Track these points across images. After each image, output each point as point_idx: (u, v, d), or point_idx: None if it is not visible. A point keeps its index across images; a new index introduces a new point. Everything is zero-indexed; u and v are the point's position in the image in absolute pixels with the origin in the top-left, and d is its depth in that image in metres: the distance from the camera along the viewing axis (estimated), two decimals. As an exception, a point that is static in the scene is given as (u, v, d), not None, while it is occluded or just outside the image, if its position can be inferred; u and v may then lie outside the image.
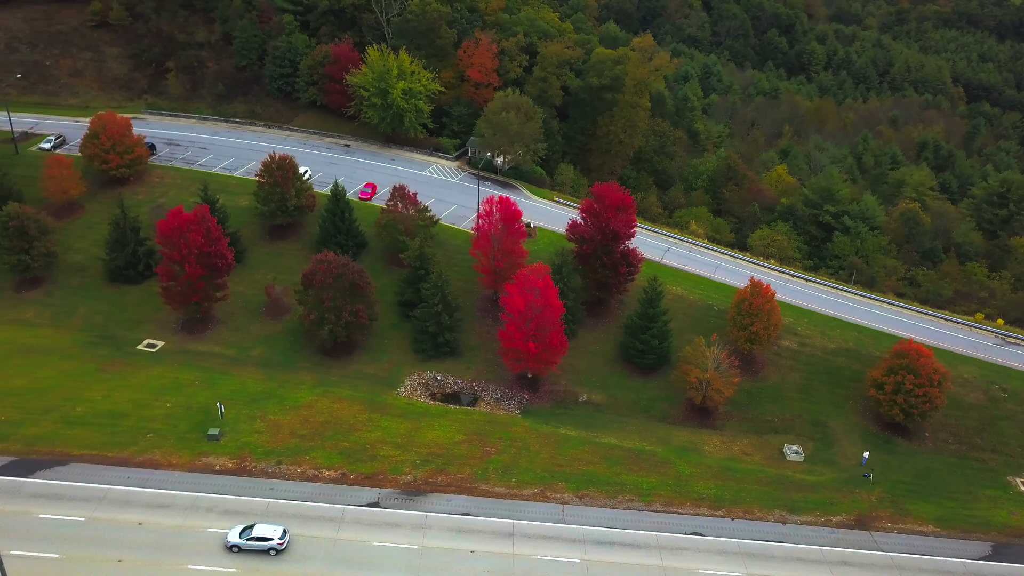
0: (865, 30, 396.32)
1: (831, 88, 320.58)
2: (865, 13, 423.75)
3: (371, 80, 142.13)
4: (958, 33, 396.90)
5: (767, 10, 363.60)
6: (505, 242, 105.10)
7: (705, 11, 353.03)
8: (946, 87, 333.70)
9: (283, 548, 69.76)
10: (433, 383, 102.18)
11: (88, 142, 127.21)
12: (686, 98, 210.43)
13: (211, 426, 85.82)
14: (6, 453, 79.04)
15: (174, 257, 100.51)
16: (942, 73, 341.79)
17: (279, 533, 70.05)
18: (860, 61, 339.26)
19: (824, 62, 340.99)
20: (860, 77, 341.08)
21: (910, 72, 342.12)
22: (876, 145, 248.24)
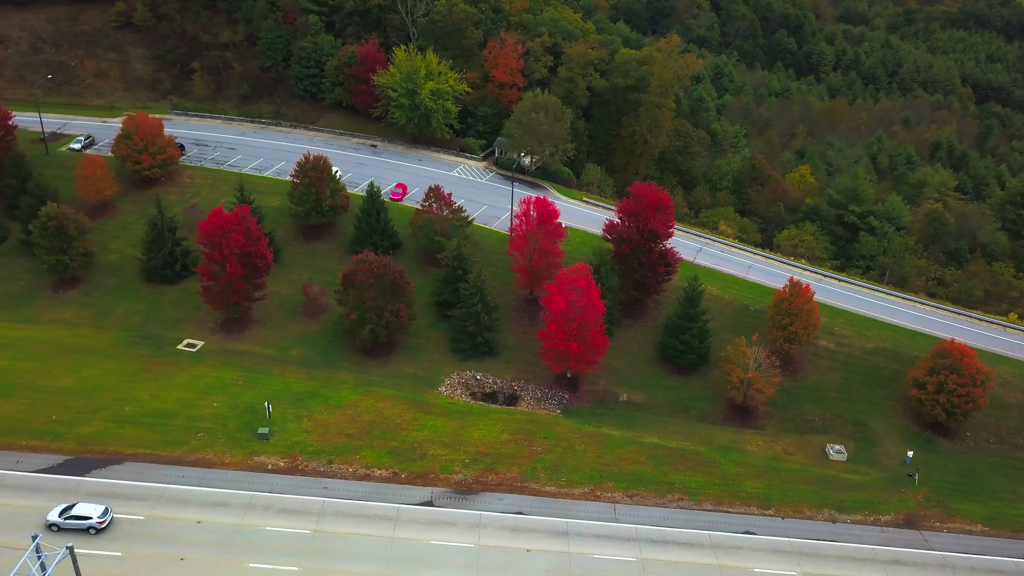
0: (873, 30, 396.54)
1: (841, 88, 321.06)
2: (872, 13, 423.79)
3: (399, 81, 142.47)
4: (966, 33, 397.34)
5: (776, 11, 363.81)
6: (543, 242, 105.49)
7: (714, 12, 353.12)
8: (955, 87, 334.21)
9: (103, 527, 69.10)
10: (473, 382, 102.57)
11: (121, 142, 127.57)
12: (701, 99, 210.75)
13: (259, 425, 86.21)
14: (60, 452, 79.48)
15: (215, 257, 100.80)
16: (951, 73, 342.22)
17: (99, 512, 69.54)
18: (869, 61, 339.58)
19: (833, 62, 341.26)
20: (869, 77, 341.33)
21: (919, 72, 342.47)
22: (891, 145, 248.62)
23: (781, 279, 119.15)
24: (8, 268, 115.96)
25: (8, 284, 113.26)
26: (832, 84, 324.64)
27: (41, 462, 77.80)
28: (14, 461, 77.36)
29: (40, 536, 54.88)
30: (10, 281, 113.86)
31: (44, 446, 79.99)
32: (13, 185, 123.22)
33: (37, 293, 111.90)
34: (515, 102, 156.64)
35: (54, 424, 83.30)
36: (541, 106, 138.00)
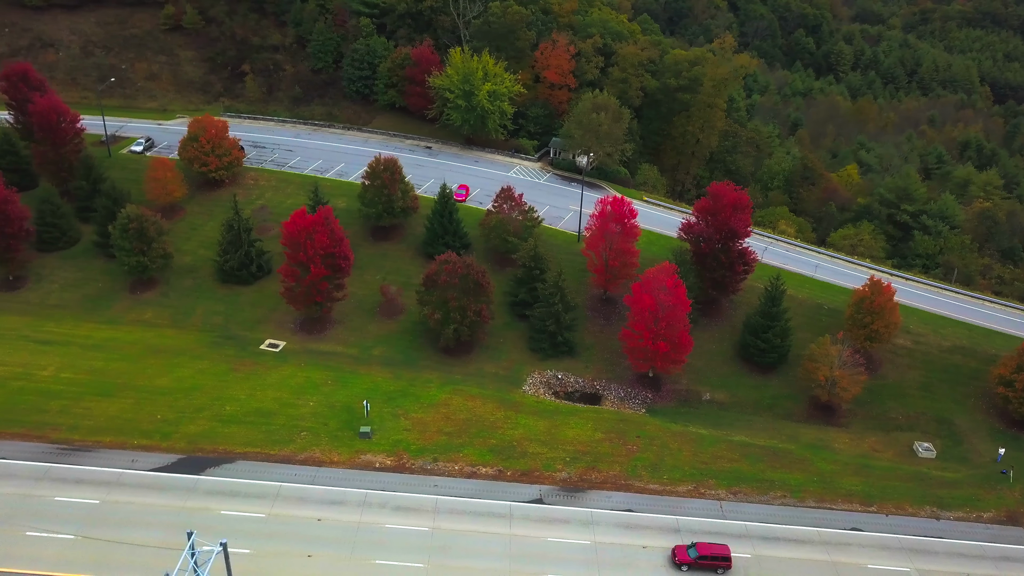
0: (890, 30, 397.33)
1: (860, 88, 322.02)
2: (888, 13, 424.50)
3: (456, 83, 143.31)
4: (982, 32, 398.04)
5: (794, 10, 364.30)
6: (620, 242, 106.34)
7: (731, 12, 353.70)
8: (974, 87, 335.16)
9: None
10: (554, 381, 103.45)
11: (188, 145, 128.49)
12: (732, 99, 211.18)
13: (358, 424, 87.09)
14: (172, 451, 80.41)
15: (299, 258, 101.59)
16: (970, 73, 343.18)
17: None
18: (888, 61, 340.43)
19: (852, 62, 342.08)
20: (888, 77, 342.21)
21: (938, 72, 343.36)
22: (921, 145, 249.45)
23: (849, 278, 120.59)
24: (84, 270, 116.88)
25: (86, 286, 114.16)
26: (852, 84, 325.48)
27: (156, 461, 78.74)
28: (130, 460, 78.26)
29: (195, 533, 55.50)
30: (87, 283, 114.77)
31: (155, 445, 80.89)
32: (84, 188, 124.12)
33: (115, 294, 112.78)
34: (566, 103, 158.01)
35: (160, 423, 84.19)
36: (600, 106, 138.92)
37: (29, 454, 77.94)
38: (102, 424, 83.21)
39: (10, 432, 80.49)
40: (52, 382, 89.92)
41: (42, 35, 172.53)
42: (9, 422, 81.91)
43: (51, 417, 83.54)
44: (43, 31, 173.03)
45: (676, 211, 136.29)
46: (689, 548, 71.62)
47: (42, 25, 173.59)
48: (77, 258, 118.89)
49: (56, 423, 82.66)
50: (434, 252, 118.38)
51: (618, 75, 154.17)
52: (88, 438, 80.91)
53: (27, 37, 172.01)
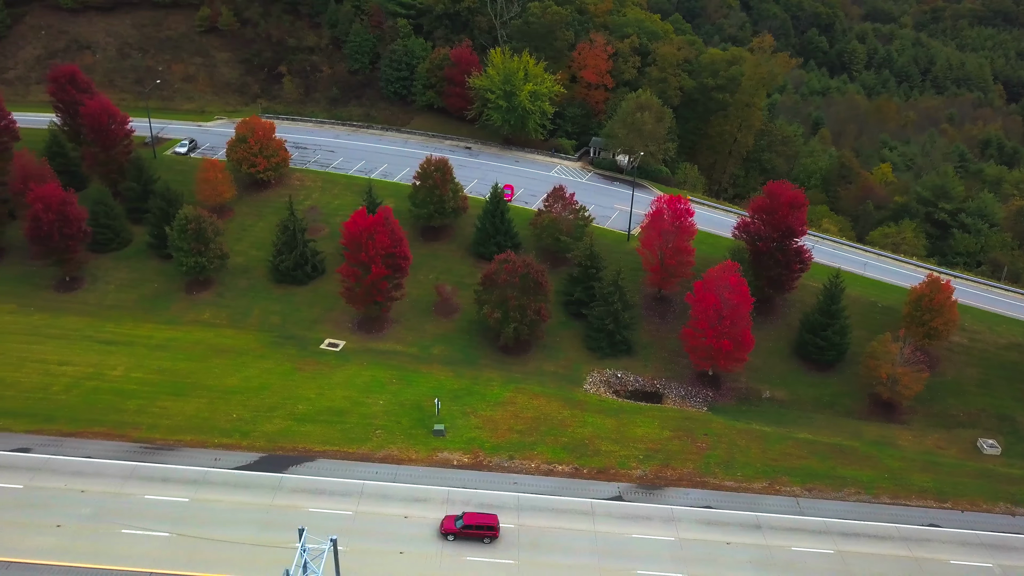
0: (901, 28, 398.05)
1: (875, 87, 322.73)
2: (898, 11, 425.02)
3: (497, 83, 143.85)
4: (994, 31, 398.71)
5: (806, 9, 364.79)
6: (677, 240, 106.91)
7: (744, 11, 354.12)
8: (988, 85, 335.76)
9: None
10: (614, 380, 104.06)
11: (236, 146, 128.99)
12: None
13: (429, 422, 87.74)
14: (252, 449, 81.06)
15: (361, 258, 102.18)
16: (983, 71, 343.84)
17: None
18: (901, 60, 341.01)
19: (865, 61, 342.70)
20: (902, 76, 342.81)
21: (952, 70, 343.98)
22: (943, 143, 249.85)
23: (897, 276, 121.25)
24: (138, 271, 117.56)
25: (142, 286, 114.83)
26: (866, 83, 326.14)
27: (238, 459, 79.38)
28: (212, 459, 78.89)
29: (306, 529, 56.12)
30: (143, 283, 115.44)
31: (235, 444, 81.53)
32: (135, 189, 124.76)
33: (172, 295, 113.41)
34: (602, 103, 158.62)
35: (237, 423, 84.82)
36: (644, 106, 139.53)
37: (114, 453, 78.58)
38: (180, 423, 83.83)
39: (92, 431, 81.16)
40: (124, 382, 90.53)
41: (78, 37, 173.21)
42: (90, 421, 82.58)
43: (129, 416, 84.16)
44: (79, 33, 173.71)
45: (720, 210, 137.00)
46: (457, 519, 72.06)
47: (78, 27, 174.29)
48: (130, 259, 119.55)
49: (135, 422, 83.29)
50: (485, 252, 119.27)
51: (657, 75, 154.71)
52: (169, 437, 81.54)
53: (63, 39, 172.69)
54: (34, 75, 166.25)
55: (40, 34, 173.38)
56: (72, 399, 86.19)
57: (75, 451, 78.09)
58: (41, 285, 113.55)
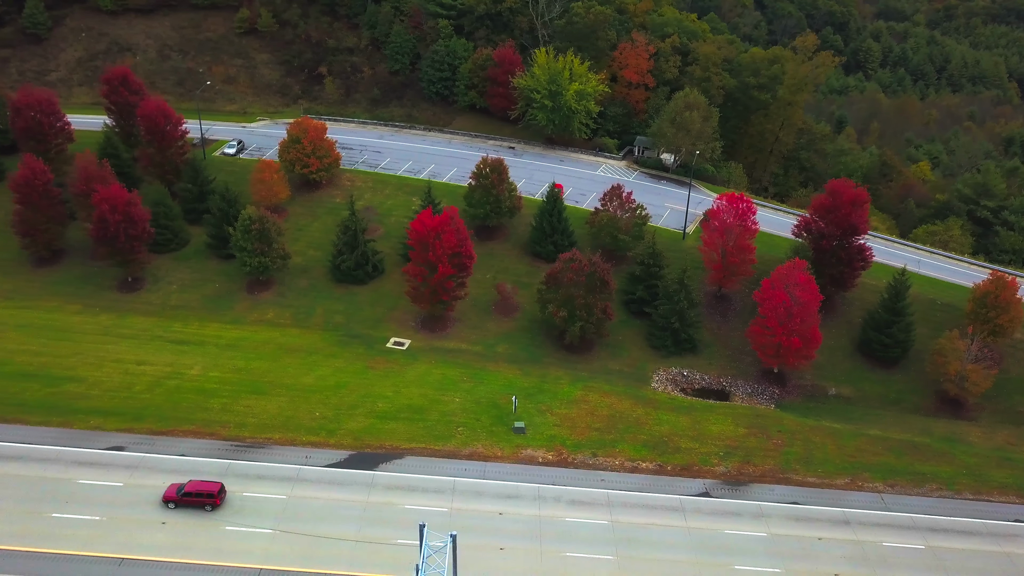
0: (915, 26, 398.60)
1: (891, 85, 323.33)
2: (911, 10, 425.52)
3: (543, 83, 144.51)
4: (1008, 28, 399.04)
5: (821, 8, 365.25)
6: (739, 239, 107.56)
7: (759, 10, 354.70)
8: (1003, 82, 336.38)
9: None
10: (680, 378, 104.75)
11: (290, 147, 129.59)
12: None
13: (507, 419, 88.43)
14: (340, 447, 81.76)
15: (428, 258, 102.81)
16: (999, 69, 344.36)
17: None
18: (916, 58, 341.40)
19: (880, 59, 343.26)
20: (918, 74, 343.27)
21: (967, 68, 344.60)
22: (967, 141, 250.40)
23: (949, 273, 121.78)
24: (198, 271, 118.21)
25: (203, 287, 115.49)
26: (882, 81, 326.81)
27: (328, 457, 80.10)
28: (303, 456, 79.58)
29: (426, 525, 56.74)
30: (204, 283, 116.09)
31: (323, 441, 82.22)
32: (192, 190, 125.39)
33: (234, 295, 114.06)
34: (643, 102, 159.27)
35: (321, 421, 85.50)
36: (692, 105, 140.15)
37: (206, 451, 79.29)
38: (266, 421, 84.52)
39: (181, 430, 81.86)
40: (204, 381, 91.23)
41: (118, 39, 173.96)
42: (178, 420, 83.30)
43: (215, 415, 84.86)
44: (119, 35, 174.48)
45: (768, 208, 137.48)
46: (179, 488, 71.52)
47: (118, 29, 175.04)
48: (189, 259, 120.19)
49: (222, 421, 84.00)
50: (542, 251, 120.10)
51: (700, 74, 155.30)
52: (258, 435, 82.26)
53: (104, 42, 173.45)
54: (76, 77, 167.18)
55: (81, 36, 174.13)
56: (156, 398, 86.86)
57: (168, 449, 78.78)
58: (104, 285, 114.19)
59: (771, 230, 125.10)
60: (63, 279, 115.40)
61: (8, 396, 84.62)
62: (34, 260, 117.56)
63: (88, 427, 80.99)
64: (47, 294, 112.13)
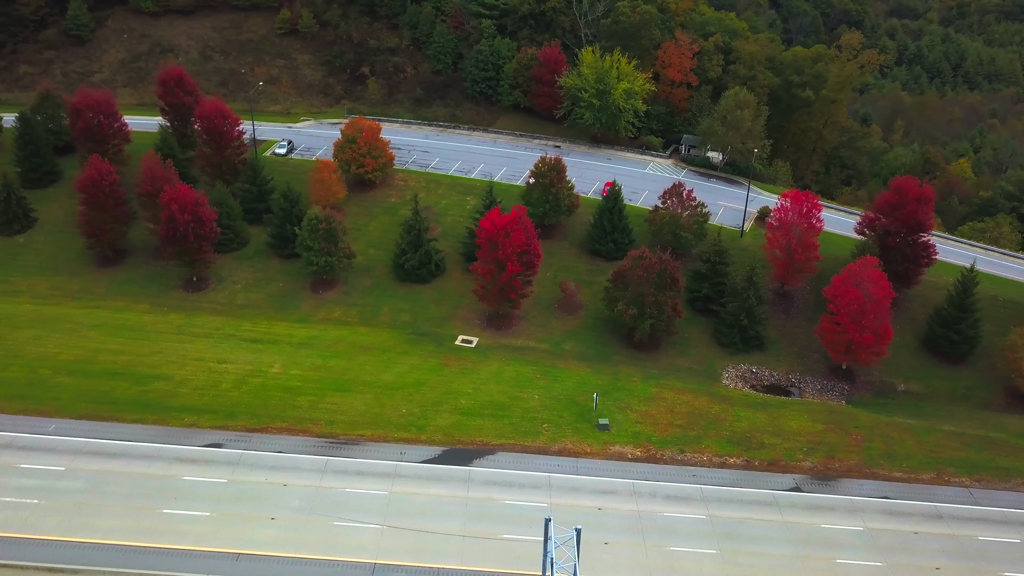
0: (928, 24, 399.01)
1: (908, 83, 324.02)
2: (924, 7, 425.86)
3: (591, 82, 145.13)
4: (1021, 26, 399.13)
5: (836, 6, 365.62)
6: (805, 236, 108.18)
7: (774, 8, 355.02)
8: (1019, 80, 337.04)
9: None
10: (749, 375, 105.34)
11: (345, 147, 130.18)
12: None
13: (587, 416, 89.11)
14: (432, 443, 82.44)
15: (497, 256, 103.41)
16: (1014, 66, 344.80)
17: None
18: (932, 56, 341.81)
19: (896, 57, 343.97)
20: (934, 72, 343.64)
21: (982, 65, 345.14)
22: (993, 138, 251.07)
23: (1008, 270, 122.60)
24: (261, 270, 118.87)
25: (268, 286, 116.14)
26: (898, 79, 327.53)
27: (422, 453, 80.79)
28: (397, 453, 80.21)
29: (551, 519, 57.37)
30: (268, 283, 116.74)
31: (414, 438, 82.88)
32: (251, 190, 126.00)
33: (298, 294, 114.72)
34: (685, 100, 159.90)
35: (408, 417, 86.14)
36: (742, 103, 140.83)
37: (302, 447, 79.96)
38: (355, 418, 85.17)
39: (275, 427, 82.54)
40: (286, 379, 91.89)
41: (160, 40, 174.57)
42: (270, 417, 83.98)
43: (304, 412, 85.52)
44: (161, 36, 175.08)
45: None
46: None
47: (159, 31, 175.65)
48: (251, 259, 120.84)
49: (312, 418, 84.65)
50: (602, 249, 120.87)
51: (745, 72, 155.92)
52: (350, 432, 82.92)
53: (146, 43, 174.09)
54: (120, 78, 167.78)
55: (123, 38, 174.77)
56: (244, 396, 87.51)
57: (264, 446, 79.48)
58: (169, 285, 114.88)
59: (829, 228, 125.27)
60: (128, 279, 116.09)
61: (100, 395, 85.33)
62: (98, 260, 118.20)
63: (183, 424, 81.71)
64: (114, 294, 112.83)
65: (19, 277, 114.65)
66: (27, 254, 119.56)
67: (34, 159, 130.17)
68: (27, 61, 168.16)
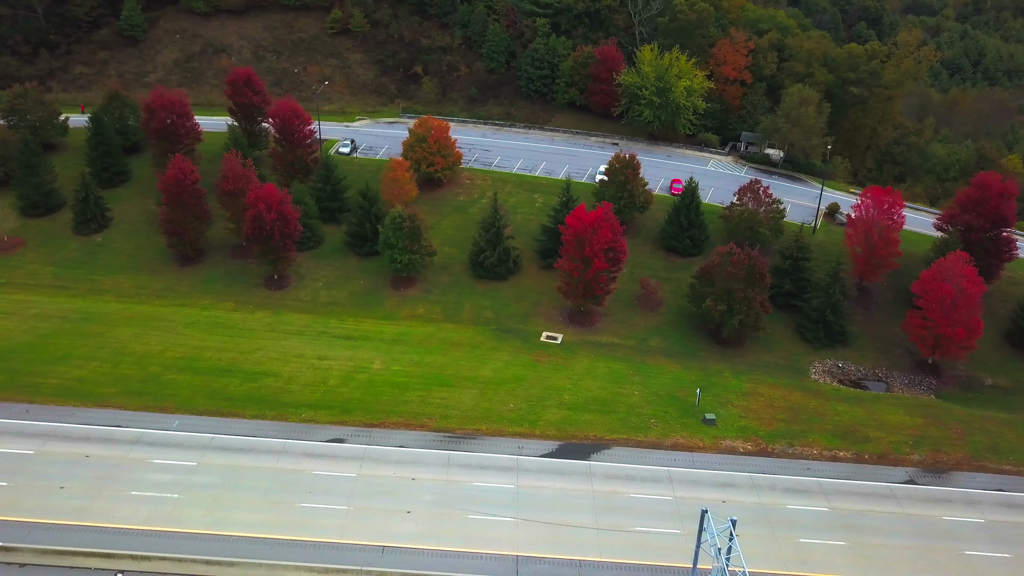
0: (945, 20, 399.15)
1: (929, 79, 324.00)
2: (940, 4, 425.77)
3: (651, 80, 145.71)
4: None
5: (854, 3, 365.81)
6: (887, 231, 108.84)
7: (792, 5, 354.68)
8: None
9: None
10: (836, 370, 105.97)
11: (415, 146, 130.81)
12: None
13: (691, 411, 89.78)
14: (546, 438, 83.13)
15: (585, 253, 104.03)
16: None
17: None
18: (952, 52, 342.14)
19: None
20: (953, 68, 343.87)
21: (1001, 61, 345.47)
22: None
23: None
24: (339, 268, 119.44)
25: (348, 284, 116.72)
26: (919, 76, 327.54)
27: (539, 447, 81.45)
28: (516, 447, 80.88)
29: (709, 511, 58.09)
30: (348, 281, 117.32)
31: (528, 432, 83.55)
32: (324, 189, 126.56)
33: (379, 291, 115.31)
34: (738, 98, 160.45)
35: (516, 412, 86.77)
36: (807, 100, 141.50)
37: (421, 442, 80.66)
38: (466, 413, 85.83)
39: (391, 422, 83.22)
40: (389, 375, 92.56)
41: (212, 40, 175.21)
42: (385, 412, 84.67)
43: (415, 407, 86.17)
44: (213, 37, 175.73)
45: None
46: None
47: (211, 31, 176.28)
48: (328, 257, 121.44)
49: (426, 413, 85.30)
50: (678, 245, 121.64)
51: (801, 69, 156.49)
52: (465, 427, 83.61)
53: (198, 43, 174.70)
54: (174, 78, 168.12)
55: (175, 38, 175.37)
56: (354, 392, 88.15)
57: (385, 441, 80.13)
58: (250, 283, 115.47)
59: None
60: (208, 277, 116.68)
61: (214, 391, 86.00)
62: (178, 259, 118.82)
63: (301, 420, 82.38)
64: (198, 292, 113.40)
65: (102, 276, 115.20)
66: (106, 253, 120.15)
67: (106, 159, 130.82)
68: (82, 62, 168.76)
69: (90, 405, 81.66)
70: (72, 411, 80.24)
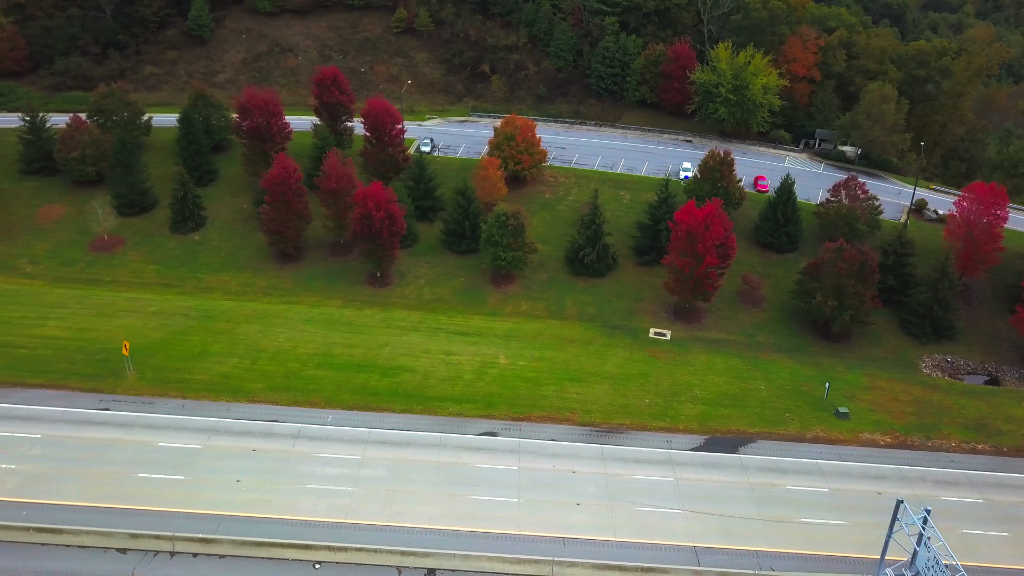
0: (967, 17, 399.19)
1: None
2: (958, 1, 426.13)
3: (727, 78, 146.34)
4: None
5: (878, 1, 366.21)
6: (991, 226, 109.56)
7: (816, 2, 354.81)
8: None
9: None
10: (945, 365, 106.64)
11: (503, 144, 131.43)
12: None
13: (820, 405, 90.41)
14: (690, 432, 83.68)
15: (696, 249, 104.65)
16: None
17: None
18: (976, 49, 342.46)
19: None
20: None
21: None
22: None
23: None
24: (438, 266, 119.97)
25: (449, 281, 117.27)
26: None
27: (686, 442, 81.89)
28: (664, 441, 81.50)
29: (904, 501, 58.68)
30: (448, 278, 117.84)
31: (672, 427, 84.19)
32: (418, 188, 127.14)
33: (480, 288, 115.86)
34: (807, 95, 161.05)
35: (652, 407, 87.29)
36: (887, 98, 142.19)
37: (570, 436, 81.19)
38: (606, 407, 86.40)
39: (536, 416, 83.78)
40: (518, 369, 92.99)
41: (278, 40, 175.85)
42: (527, 406, 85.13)
43: (554, 401, 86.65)
44: (278, 36, 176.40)
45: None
46: None
47: (276, 31, 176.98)
48: (424, 255, 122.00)
49: (567, 407, 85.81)
50: (774, 242, 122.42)
51: (874, 67, 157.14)
52: (609, 421, 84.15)
53: (264, 43, 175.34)
54: (243, 78, 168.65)
55: (241, 38, 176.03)
56: (491, 386, 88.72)
57: (535, 434, 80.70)
58: (353, 281, 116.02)
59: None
60: (310, 275, 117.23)
61: (356, 386, 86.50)
62: (278, 257, 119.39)
63: (450, 414, 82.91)
64: (302, 290, 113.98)
65: (206, 274, 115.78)
66: (205, 252, 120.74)
67: (196, 159, 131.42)
68: (151, 62, 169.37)
69: (242, 400, 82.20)
70: (227, 406, 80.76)
